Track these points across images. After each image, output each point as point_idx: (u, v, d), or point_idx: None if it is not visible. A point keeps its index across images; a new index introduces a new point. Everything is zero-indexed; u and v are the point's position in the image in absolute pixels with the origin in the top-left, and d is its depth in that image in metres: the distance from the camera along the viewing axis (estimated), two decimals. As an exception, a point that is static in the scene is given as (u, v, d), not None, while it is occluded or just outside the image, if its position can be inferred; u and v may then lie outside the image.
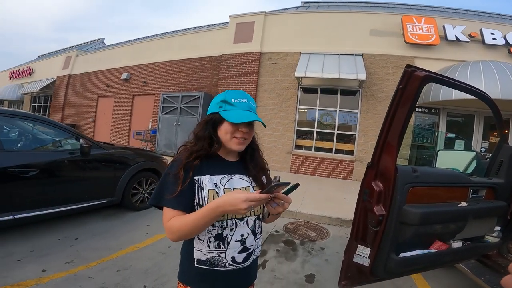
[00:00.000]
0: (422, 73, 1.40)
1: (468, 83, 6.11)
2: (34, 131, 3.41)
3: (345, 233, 3.88)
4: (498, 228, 2.03)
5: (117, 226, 3.55)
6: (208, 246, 0.93)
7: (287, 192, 0.87)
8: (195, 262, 0.95)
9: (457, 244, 1.83)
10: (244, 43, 8.97)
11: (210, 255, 0.94)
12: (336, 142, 8.05)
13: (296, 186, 0.84)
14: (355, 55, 7.77)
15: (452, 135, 7.56)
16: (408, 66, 1.42)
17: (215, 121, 0.97)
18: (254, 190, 1.01)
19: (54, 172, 3.16)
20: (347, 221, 4.14)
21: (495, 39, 7.40)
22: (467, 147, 7.27)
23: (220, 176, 0.96)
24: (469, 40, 7.42)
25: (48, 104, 15.68)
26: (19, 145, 3.16)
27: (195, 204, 0.92)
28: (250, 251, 0.98)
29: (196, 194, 0.92)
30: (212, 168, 0.96)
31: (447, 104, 7.24)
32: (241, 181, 1.00)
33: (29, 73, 17.40)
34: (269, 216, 1.06)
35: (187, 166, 0.92)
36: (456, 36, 7.42)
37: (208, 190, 0.92)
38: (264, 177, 1.09)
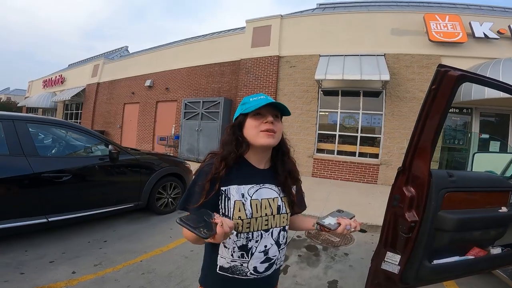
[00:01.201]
0: (457, 73, 1.30)
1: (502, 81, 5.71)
2: (67, 137, 3.60)
3: (370, 238, 3.73)
4: None
5: (142, 229, 3.64)
6: (232, 255, 0.92)
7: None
8: (217, 269, 0.95)
9: (496, 251, 1.72)
10: (262, 47, 8.99)
11: (232, 263, 0.93)
12: (360, 145, 7.82)
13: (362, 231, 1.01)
14: (377, 55, 7.55)
15: (486, 136, 7.12)
16: (441, 65, 1.33)
17: (240, 122, 0.96)
18: (282, 201, 0.99)
19: (85, 177, 3.31)
20: (372, 226, 3.98)
21: (526, 35, 6.93)
22: (503, 149, 6.79)
23: (248, 186, 0.93)
24: (498, 37, 7.01)
25: (79, 111, 16.54)
26: (53, 151, 3.35)
27: (220, 214, 0.90)
28: (272, 261, 0.97)
29: (222, 204, 0.91)
30: (241, 177, 0.93)
31: (480, 103, 6.83)
32: (270, 192, 0.97)
33: (61, 81, 18.41)
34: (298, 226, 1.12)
35: (214, 178, 0.89)
36: (484, 33, 7.04)
37: (234, 201, 0.90)
38: (294, 187, 1.06)
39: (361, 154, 7.81)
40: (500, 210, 1.59)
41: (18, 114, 3.16)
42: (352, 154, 7.88)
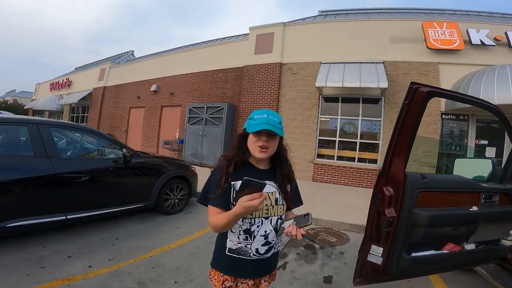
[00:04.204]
0: (426, 89, 1.54)
1: (495, 88, 5.81)
2: (82, 141, 3.88)
3: (366, 239, 3.93)
4: None
5: (151, 228, 3.88)
6: (238, 238, 1.16)
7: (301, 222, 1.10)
8: (227, 250, 1.19)
9: (470, 246, 1.91)
10: (265, 54, 9.23)
11: (239, 245, 1.17)
12: (359, 151, 8.01)
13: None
14: (376, 63, 7.76)
15: (485, 142, 7.28)
16: (413, 83, 1.57)
17: (244, 134, 1.21)
18: (279, 195, 1.22)
19: (101, 178, 3.57)
20: (368, 228, 4.18)
21: (521, 41, 7.05)
22: (500, 154, 6.95)
23: None
24: (495, 44, 7.15)
25: (86, 114, 16.79)
26: (69, 153, 3.60)
27: (231, 203, 1.14)
28: (271, 244, 1.20)
29: (232, 195, 1.15)
30: (246, 175, 1.14)
31: (475, 110, 6.99)
32: (269, 187, 1.18)
33: (68, 84, 18.66)
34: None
35: (227, 174, 1.14)
36: (481, 40, 7.18)
37: None
38: (289, 186, 1.28)
39: (360, 160, 7.99)
40: (471, 209, 1.80)
41: (42, 119, 3.44)
42: (352, 159, 8.07)
